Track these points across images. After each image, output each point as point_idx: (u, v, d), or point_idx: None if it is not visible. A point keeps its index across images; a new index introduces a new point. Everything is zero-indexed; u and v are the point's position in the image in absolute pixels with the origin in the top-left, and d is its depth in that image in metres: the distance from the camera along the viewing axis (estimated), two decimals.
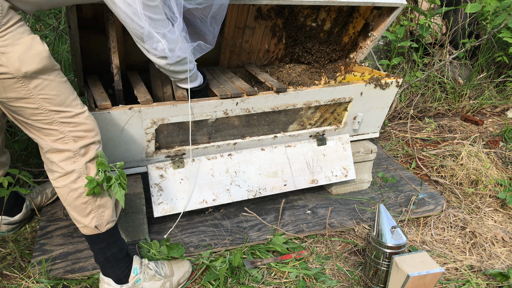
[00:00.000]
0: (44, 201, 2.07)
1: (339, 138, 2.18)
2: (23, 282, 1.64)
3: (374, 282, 1.68)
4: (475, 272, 1.84)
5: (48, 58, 1.23)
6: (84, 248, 1.82)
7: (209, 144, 1.89)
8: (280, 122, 1.99)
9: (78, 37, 1.65)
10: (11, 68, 1.16)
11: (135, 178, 1.87)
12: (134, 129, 1.67)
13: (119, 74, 1.71)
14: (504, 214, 2.24)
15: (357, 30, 2.30)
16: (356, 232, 2.03)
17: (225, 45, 2.13)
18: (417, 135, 3.10)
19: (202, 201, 1.92)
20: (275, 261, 1.81)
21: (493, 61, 3.78)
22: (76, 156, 1.34)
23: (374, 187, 2.40)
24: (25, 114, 1.27)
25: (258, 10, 2.03)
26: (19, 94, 1.22)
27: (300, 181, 2.11)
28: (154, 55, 1.48)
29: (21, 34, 1.18)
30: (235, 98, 1.77)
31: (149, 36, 1.41)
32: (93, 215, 1.42)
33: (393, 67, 3.52)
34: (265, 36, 2.17)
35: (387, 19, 2.12)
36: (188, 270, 1.70)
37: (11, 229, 1.93)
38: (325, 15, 2.18)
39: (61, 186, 1.37)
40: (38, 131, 1.32)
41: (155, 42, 1.42)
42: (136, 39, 1.45)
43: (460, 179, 2.47)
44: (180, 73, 1.61)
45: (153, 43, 1.43)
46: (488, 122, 3.37)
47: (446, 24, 3.83)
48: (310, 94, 1.91)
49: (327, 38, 2.30)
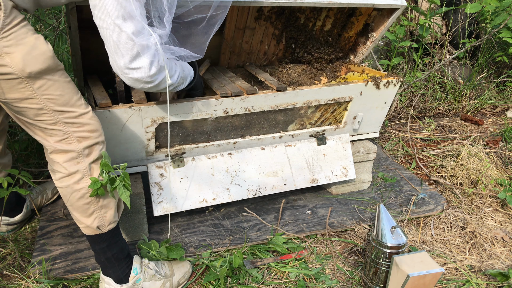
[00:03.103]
0: (44, 201, 2.07)
1: (339, 138, 2.18)
2: (23, 282, 1.64)
3: (374, 282, 1.68)
4: (475, 272, 1.84)
5: (52, 58, 1.23)
6: (84, 248, 1.82)
7: (209, 143, 1.89)
8: (280, 122, 1.99)
9: (78, 38, 1.64)
10: (15, 68, 1.16)
11: (135, 178, 1.87)
12: (134, 127, 1.67)
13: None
14: (504, 214, 2.24)
15: (357, 31, 2.30)
16: (356, 232, 2.03)
17: (225, 46, 2.13)
18: (417, 135, 3.10)
19: (202, 200, 1.92)
20: (275, 261, 1.81)
21: (493, 61, 3.78)
22: (80, 156, 1.34)
23: (374, 187, 2.40)
24: (29, 114, 1.27)
25: (259, 11, 2.03)
26: (23, 95, 1.21)
27: (300, 180, 2.10)
28: (133, 68, 1.28)
29: (25, 34, 1.17)
30: (235, 97, 1.77)
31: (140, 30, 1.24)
32: (96, 216, 1.42)
33: (393, 67, 3.52)
34: (265, 36, 2.17)
35: (387, 20, 2.12)
36: (188, 270, 1.70)
37: (11, 229, 1.93)
38: (325, 16, 2.18)
39: (64, 187, 1.37)
40: (42, 132, 1.32)
41: (146, 36, 1.27)
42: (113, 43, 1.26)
43: (460, 179, 2.47)
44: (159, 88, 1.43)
45: (144, 38, 1.26)
46: (488, 122, 3.37)
47: (446, 24, 3.83)
48: (310, 93, 1.91)
49: (327, 39, 2.30)
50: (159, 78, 1.36)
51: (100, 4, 1.19)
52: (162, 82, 1.38)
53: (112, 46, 1.25)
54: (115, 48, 1.25)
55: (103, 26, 1.23)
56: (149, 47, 1.28)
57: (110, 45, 1.26)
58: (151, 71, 1.31)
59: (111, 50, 1.27)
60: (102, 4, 1.19)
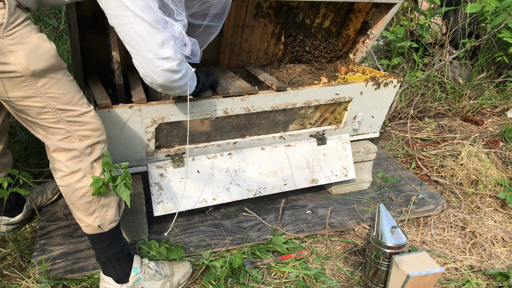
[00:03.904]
0: (44, 201, 2.07)
1: (339, 138, 2.18)
2: (23, 282, 1.64)
3: (374, 282, 1.68)
4: (475, 272, 1.84)
5: (56, 57, 1.23)
6: (84, 248, 1.82)
7: (209, 143, 1.89)
8: (280, 122, 1.99)
9: (78, 35, 1.64)
10: (19, 66, 1.16)
11: (135, 178, 1.87)
12: (134, 127, 1.67)
13: (120, 69, 1.70)
14: (504, 214, 2.24)
15: (356, 29, 2.30)
16: (356, 232, 2.03)
17: (224, 44, 2.13)
18: (417, 135, 3.10)
19: (202, 200, 1.92)
20: (275, 261, 1.81)
21: (493, 61, 3.78)
22: (82, 155, 1.34)
23: (374, 187, 2.40)
24: (32, 113, 1.27)
25: (257, 7, 2.02)
26: (26, 93, 1.22)
27: (300, 180, 2.10)
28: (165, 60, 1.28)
29: (29, 33, 1.18)
30: (235, 97, 1.77)
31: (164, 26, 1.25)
32: (97, 215, 1.42)
33: (393, 67, 3.52)
34: (264, 34, 2.16)
35: (386, 16, 2.12)
36: (189, 270, 1.70)
37: (11, 229, 1.93)
38: (324, 13, 2.18)
39: (66, 185, 1.37)
40: (44, 130, 1.32)
41: (170, 27, 1.28)
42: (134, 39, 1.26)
43: (460, 179, 2.47)
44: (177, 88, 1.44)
45: (168, 27, 1.27)
46: (488, 122, 3.37)
47: (446, 24, 3.83)
48: (310, 93, 1.91)
49: (326, 37, 2.30)
50: (184, 67, 1.36)
51: (116, 1, 1.19)
52: (185, 75, 1.38)
53: (137, 40, 1.24)
54: (141, 40, 1.24)
55: (123, 23, 1.23)
56: (170, 36, 1.28)
57: (135, 40, 1.25)
58: (178, 58, 1.31)
59: (137, 46, 1.26)
60: (118, 1, 1.19)
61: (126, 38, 1.26)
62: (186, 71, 1.39)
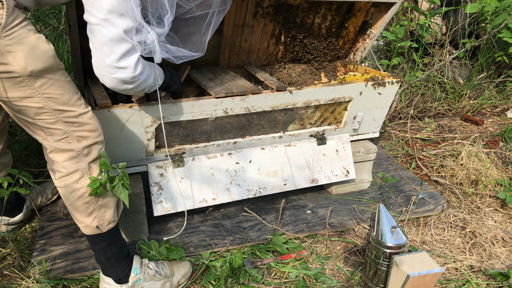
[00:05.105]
0: (44, 201, 2.07)
1: (339, 138, 2.18)
2: (23, 282, 1.64)
3: (374, 282, 1.68)
4: (475, 272, 1.84)
5: (54, 57, 1.23)
6: (84, 248, 1.82)
7: (209, 143, 1.89)
8: (280, 122, 1.99)
9: (78, 35, 1.64)
10: (17, 67, 1.16)
11: (135, 178, 1.86)
12: (134, 127, 1.67)
13: None
14: (504, 214, 2.24)
15: (356, 28, 2.30)
16: (356, 232, 2.03)
17: (224, 44, 2.13)
18: (417, 135, 3.10)
19: (202, 200, 1.92)
20: (275, 261, 1.81)
21: (493, 61, 3.78)
22: (79, 156, 1.34)
23: (374, 187, 2.40)
24: (29, 113, 1.27)
25: (257, 6, 2.02)
26: (24, 93, 1.22)
27: (300, 180, 2.10)
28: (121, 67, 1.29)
29: (27, 33, 1.18)
30: (235, 97, 1.77)
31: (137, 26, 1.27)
32: (95, 215, 1.42)
33: (393, 67, 3.52)
34: (264, 34, 2.16)
35: (385, 15, 2.12)
36: (188, 270, 1.70)
37: (11, 229, 1.93)
38: (324, 13, 2.17)
39: (64, 186, 1.37)
40: (41, 131, 1.32)
41: (144, 33, 1.30)
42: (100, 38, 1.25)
43: (460, 179, 2.47)
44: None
45: (141, 36, 1.30)
46: (488, 122, 3.37)
47: (446, 24, 3.83)
48: (310, 93, 1.91)
49: (326, 37, 2.30)
50: (141, 79, 1.37)
51: (96, 1, 1.20)
52: (142, 83, 1.40)
53: (101, 43, 1.25)
54: (103, 45, 1.26)
55: (93, 22, 1.24)
56: (136, 48, 1.29)
57: (98, 42, 1.26)
58: (136, 71, 1.33)
59: (98, 48, 1.27)
60: (97, 1, 1.20)
61: (92, 37, 1.28)
62: (142, 81, 1.39)
